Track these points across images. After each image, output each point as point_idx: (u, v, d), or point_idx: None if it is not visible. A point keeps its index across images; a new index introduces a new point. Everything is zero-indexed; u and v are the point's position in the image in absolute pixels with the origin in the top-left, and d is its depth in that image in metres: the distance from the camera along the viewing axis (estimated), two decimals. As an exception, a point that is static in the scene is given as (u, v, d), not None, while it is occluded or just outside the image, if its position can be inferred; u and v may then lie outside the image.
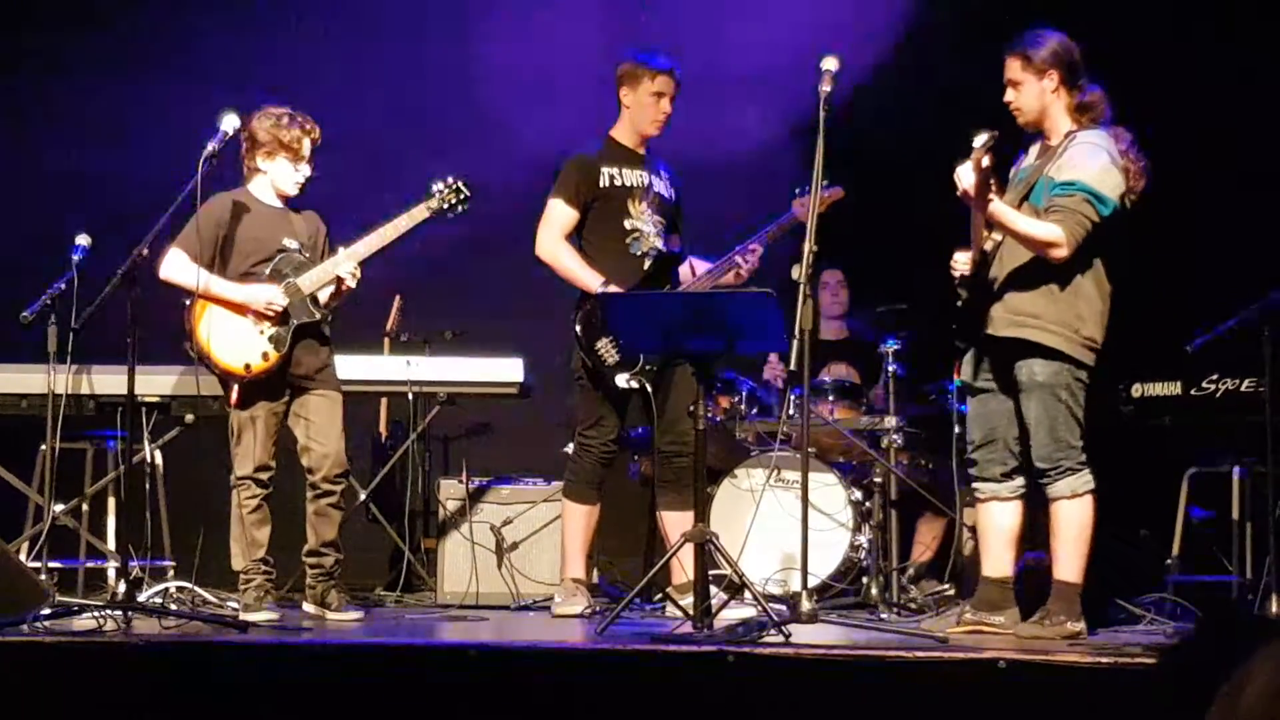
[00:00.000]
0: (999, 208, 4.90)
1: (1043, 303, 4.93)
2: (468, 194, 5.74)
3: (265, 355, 5.56)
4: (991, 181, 4.86)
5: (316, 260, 5.69)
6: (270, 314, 5.54)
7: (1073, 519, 4.96)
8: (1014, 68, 5.02)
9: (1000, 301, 5.01)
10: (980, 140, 4.80)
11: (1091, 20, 5.46)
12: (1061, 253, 4.86)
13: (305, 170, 5.67)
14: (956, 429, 6.61)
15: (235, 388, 5.55)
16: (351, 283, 5.62)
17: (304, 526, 5.72)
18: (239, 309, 5.55)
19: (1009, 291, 4.99)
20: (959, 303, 5.08)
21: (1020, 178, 5.13)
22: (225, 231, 5.58)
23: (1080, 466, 4.96)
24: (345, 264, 5.61)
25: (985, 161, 4.79)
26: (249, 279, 5.58)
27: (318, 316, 5.64)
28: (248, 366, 5.54)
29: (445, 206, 5.72)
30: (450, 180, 5.74)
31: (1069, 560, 4.96)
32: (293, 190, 5.68)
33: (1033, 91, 5.00)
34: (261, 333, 5.56)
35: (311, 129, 5.66)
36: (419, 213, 5.70)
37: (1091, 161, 4.89)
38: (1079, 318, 4.94)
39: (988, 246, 5.05)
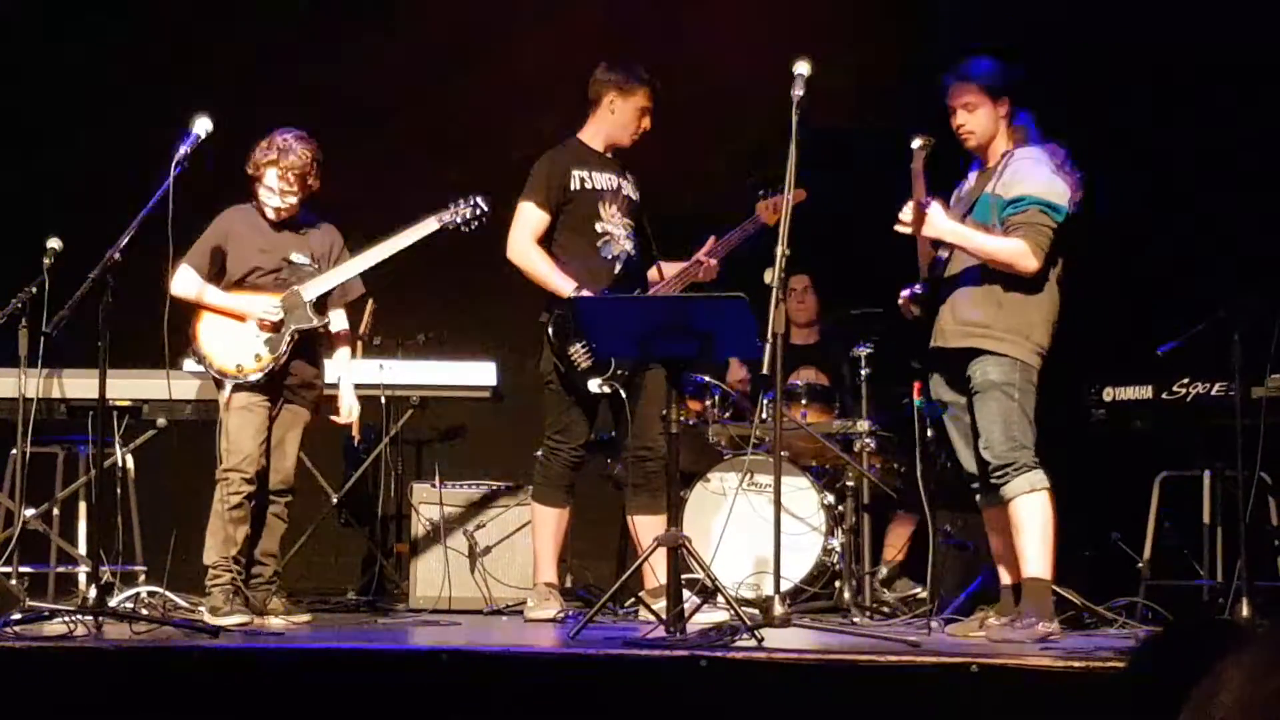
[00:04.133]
0: (959, 229, 5.04)
1: (992, 312, 5.04)
2: (484, 210, 5.82)
3: (258, 357, 5.61)
4: (935, 198, 4.96)
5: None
6: (266, 321, 5.58)
7: (1034, 514, 5.01)
8: (969, 92, 5.13)
9: (950, 313, 5.12)
10: (916, 143, 5.01)
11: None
12: (1031, 264, 4.97)
13: (274, 199, 5.67)
14: (931, 433, 6.66)
15: (228, 387, 5.59)
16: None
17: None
18: (236, 315, 5.63)
19: (958, 303, 5.10)
20: (912, 319, 5.20)
21: (960, 197, 5.25)
22: (231, 243, 5.68)
23: (1035, 464, 5.03)
24: (350, 273, 5.71)
25: (917, 169, 4.97)
26: (251, 287, 5.63)
27: (315, 322, 5.67)
28: (239, 368, 5.61)
29: (459, 220, 5.79)
30: (470, 197, 5.82)
31: (1036, 556, 5.00)
32: (271, 216, 5.70)
33: (987, 116, 5.14)
34: (257, 336, 5.62)
35: (278, 159, 5.61)
36: (428, 224, 5.80)
37: (1035, 174, 5.03)
38: (1029, 324, 5.05)
39: (942, 254, 5.12)
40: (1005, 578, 5.23)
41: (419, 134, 7.80)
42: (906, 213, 5.03)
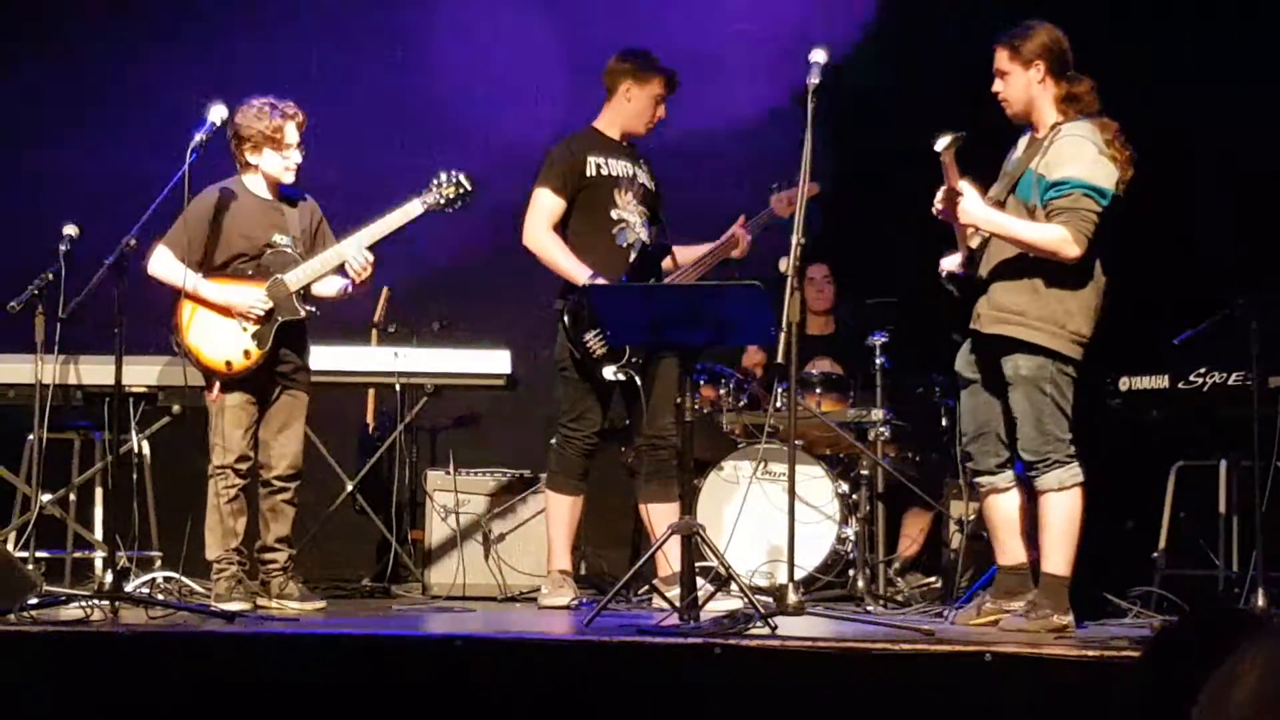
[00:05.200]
0: (997, 218, 4.92)
1: (1027, 299, 4.94)
2: (469, 188, 5.69)
3: (247, 353, 5.57)
4: (969, 183, 4.88)
5: (309, 253, 5.68)
6: (253, 316, 5.55)
7: (1061, 511, 4.96)
8: (1002, 58, 5.02)
9: (986, 298, 5.02)
10: (943, 143, 4.87)
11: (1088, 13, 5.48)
12: (1074, 251, 4.84)
13: (295, 156, 5.66)
14: (944, 422, 6.65)
15: (217, 383, 5.56)
16: (363, 273, 5.60)
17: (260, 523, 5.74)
18: (222, 309, 5.56)
19: (995, 289, 5.01)
20: (950, 298, 5.12)
21: (1008, 170, 5.13)
22: (213, 226, 5.59)
23: (1069, 459, 4.96)
24: (351, 251, 5.59)
25: (948, 160, 4.86)
26: (234, 275, 5.58)
27: (303, 314, 5.64)
28: (229, 364, 5.56)
29: (443, 201, 5.67)
30: (451, 174, 5.69)
31: (1057, 553, 4.96)
32: (286, 178, 5.68)
33: (1020, 82, 5.00)
34: (244, 330, 5.57)
35: (294, 113, 5.64)
36: (413, 208, 5.67)
37: (1080, 155, 4.88)
38: (1066, 313, 4.93)
39: (974, 244, 5.07)
40: (1006, 558, 5.16)
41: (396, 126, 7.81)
42: (939, 202, 4.95)
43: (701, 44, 7.38)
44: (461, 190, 5.68)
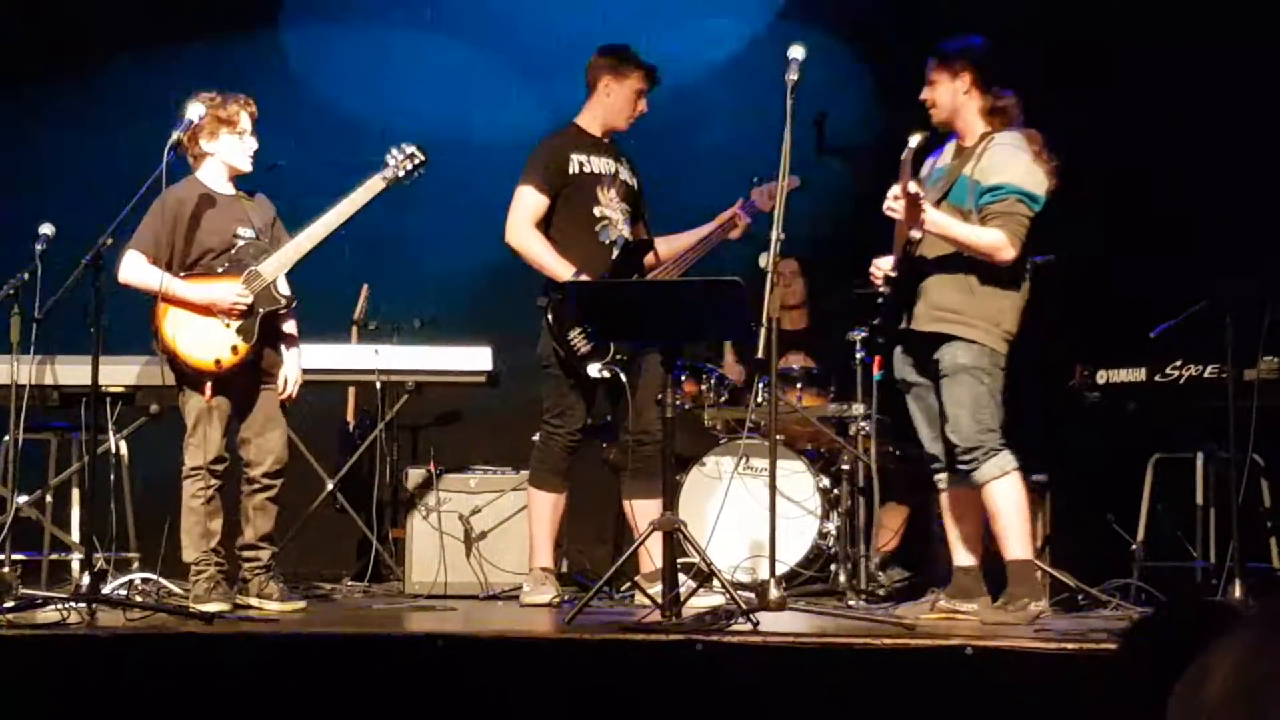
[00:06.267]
0: (940, 219, 5.04)
1: (963, 298, 5.07)
2: (423, 158, 5.73)
3: (235, 349, 5.53)
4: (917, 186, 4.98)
5: (273, 246, 5.66)
6: (237, 311, 5.52)
7: (1008, 497, 5.05)
8: (931, 66, 5.21)
9: (922, 298, 5.14)
10: (914, 141, 5.05)
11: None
12: (1009, 254, 5.01)
13: (251, 143, 5.65)
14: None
15: (209, 384, 5.51)
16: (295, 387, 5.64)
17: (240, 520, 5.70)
18: (204, 309, 5.53)
19: (930, 288, 5.12)
20: (879, 300, 5.23)
21: (938, 175, 5.26)
22: (180, 226, 5.54)
23: (1002, 446, 5.06)
24: (321, 232, 5.60)
25: (907, 161, 5.00)
26: (205, 273, 5.55)
27: (282, 304, 5.62)
28: (218, 362, 5.51)
29: (402, 174, 5.71)
30: (403, 147, 5.73)
31: (1015, 538, 5.04)
32: (246, 165, 5.65)
33: (946, 90, 5.17)
34: (228, 325, 5.53)
35: (247, 102, 5.63)
36: (375, 184, 5.68)
37: (1015, 162, 5.05)
38: (1000, 311, 5.08)
39: (916, 236, 5.15)
40: (960, 559, 5.23)
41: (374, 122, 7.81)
42: (892, 200, 5.02)
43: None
44: (416, 160, 5.73)
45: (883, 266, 5.20)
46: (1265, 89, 6.77)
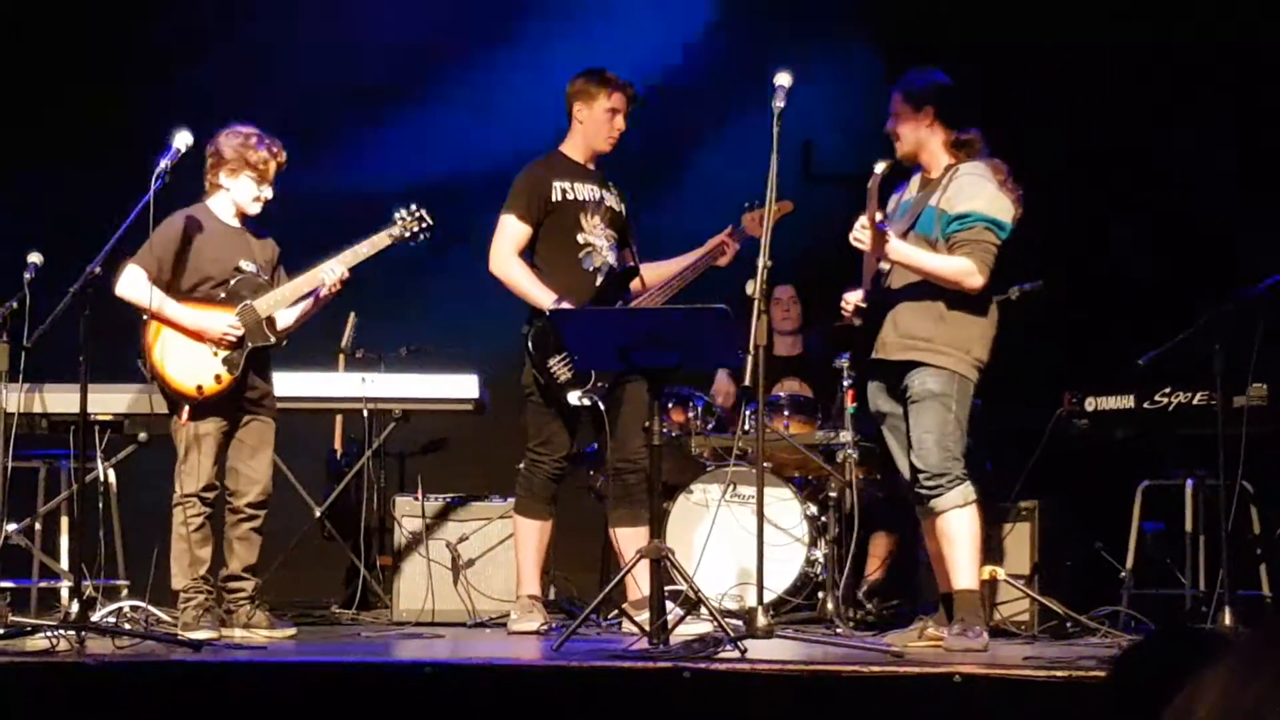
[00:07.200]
0: (907, 250, 5.08)
1: (933, 326, 5.10)
2: (430, 223, 5.81)
3: (218, 378, 5.54)
4: (880, 214, 5.03)
5: (272, 285, 5.68)
6: (226, 342, 5.53)
7: (968, 527, 5.09)
8: (895, 100, 5.28)
9: (892, 327, 5.17)
10: (880, 167, 5.10)
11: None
12: (977, 281, 5.05)
13: (267, 192, 5.68)
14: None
15: (186, 408, 5.53)
16: (336, 287, 5.63)
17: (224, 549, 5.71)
18: (194, 334, 5.54)
19: (900, 317, 5.16)
20: (851, 331, 5.29)
21: (904, 207, 5.29)
22: (182, 250, 5.57)
23: (965, 476, 5.09)
24: (326, 271, 5.62)
25: (874, 189, 5.04)
26: (202, 300, 5.57)
27: (272, 340, 5.64)
28: (199, 388, 5.53)
29: (408, 234, 5.79)
30: (413, 209, 5.80)
31: (967, 568, 5.09)
32: (253, 209, 5.69)
33: (909, 124, 5.23)
34: (215, 354, 5.55)
35: (279, 153, 5.68)
36: (380, 239, 5.76)
37: (981, 191, 5.09)
38: (969, 339, 5.12)
39: (885, 266, 5.16)
40: (948, 586, 5.19)
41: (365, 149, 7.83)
42: (859, 231, 5.06)
43: None
44: (424, 225, 5.82)
45: (852, 299, 5.25)
46: (1265, 91, 6.80)
